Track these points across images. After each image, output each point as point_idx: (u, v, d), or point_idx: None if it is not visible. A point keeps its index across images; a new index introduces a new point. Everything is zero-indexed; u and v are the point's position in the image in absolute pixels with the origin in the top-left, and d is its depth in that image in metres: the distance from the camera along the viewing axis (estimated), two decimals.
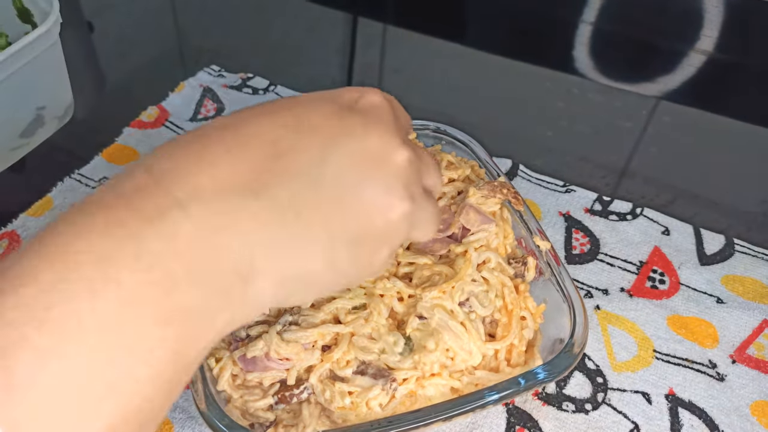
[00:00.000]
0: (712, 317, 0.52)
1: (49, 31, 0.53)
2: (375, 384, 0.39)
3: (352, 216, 0.25)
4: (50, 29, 0.54)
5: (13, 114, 0.57)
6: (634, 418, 0.46)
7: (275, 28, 0.84)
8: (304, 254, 0.25)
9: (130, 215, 0.21)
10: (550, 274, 0.45)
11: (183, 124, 0.66)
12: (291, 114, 0.26)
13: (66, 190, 0.58)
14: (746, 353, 0.50)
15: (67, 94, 0.63)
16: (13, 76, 0.53)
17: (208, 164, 0.23)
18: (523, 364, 0.42)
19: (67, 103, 0.63)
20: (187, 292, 0.21)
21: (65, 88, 0.62)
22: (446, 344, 0.40)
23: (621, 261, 0.56)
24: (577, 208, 0.60)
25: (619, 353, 0.49)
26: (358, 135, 0.26)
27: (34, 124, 0.59)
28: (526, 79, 0.78)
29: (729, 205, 0.62)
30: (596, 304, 0.52)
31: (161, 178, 0.23)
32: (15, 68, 0.52)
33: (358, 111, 0.27)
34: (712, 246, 0.57)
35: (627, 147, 0.68)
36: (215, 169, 0.23)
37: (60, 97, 0.62)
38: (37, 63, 0.54)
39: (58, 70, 0.60)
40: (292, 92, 0.71)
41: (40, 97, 0.59)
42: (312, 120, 0.25)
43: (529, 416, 0.45)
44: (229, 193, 0.23)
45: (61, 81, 0.61)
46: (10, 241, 0.54)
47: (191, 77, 0.72)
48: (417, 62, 0.80)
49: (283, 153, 0.24)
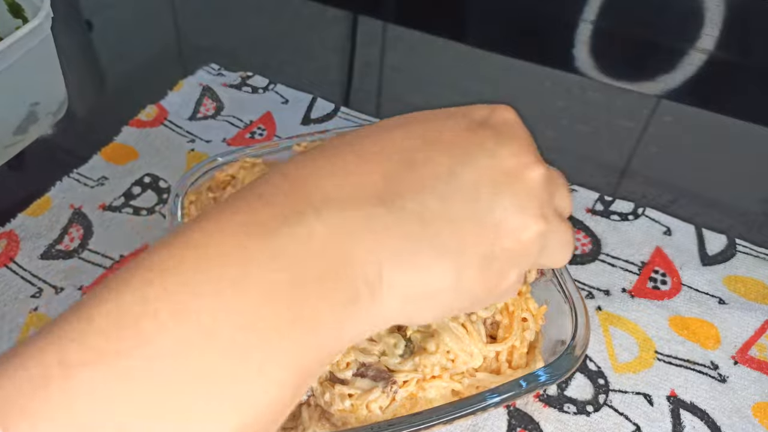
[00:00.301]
0: (713, 318, 0.51)
1: (40, 25, 0.53)
2: (375, 386, 0.39)
3: (483, 234, 0.24)
4: (42, 23, 0.53)
5: (7, 110, 0.57)
6: (635, 420, 0.45)
7: (275, 26, 0.84)
8: (433, 270, 0.24)
9: (268, 215, 0.22)
10: (552, 275, 0.45)
11: (182, 123, 0.66)
12: (423, 127, 0.26)
13: (65, 189, 0.58)
14: (748, 354, 0.50)
15: (61, 89, 0.62)
16: (6, 72, 0.52)
17: (342, 171, 0.24)
18: (525, 366, 0.42)
19: (60, 99, 0.63)
20: (317, 298, 0.21)
21: (59, 84, 0.62)
22: (447, 346, 0.40)
23: (622, 261, 0.55)
24: (579, 208, 0.59)
25: (621, 354, 0.49)
26: (490, 149, 0.25)
27: (27, 121, 0.59)
28: (526, 78, 0.78)
29: (731, 205, 0.62)
30: (598, 304, 0.52)
31: (296, 182, 0.23)
32: (7, 64, 0.52)
33: (490, 126, 0.26)
34: (714, 246, 0.57)
35: (628, 146, 0.68)
36: (348, 177, 0.23)
37: (53, 92, 0.62)
38: (29, 58, 0.54)
39: (51, 65, 0.59)
40: (292, 91, 0.71)
41: (33, 93, 0.58)
42: (444, 134, 0.25)
43: (530, 418, 0.45)
44: (361, 200, 0.23)
45: (55, 76, 0.61)
46: (9, 240, 0.54)
47: (190, 76, 0.72)
48: (417, 61, 0.80)
49: (416, 164, 0.24)
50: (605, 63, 0.79)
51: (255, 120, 0.67)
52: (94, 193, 0.58)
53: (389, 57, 0.80)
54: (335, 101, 0.70)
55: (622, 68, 0.80)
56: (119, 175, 0.60)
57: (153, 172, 0.61)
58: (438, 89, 0.75)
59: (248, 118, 0.67)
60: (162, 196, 0.59)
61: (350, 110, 0.69)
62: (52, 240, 0.54)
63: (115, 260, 0.53)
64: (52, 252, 0.53)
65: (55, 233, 0.55)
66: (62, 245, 0.54)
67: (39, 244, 0.54)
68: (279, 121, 0.67)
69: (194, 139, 0.64)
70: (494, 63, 0.80)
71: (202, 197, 0.51)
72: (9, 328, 0.48)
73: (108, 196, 0.58)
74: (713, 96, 0.77)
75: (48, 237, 0.54)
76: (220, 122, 0.67)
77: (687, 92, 0.77)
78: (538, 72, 0.78)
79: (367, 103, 0.73)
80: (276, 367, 0.21)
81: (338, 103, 0.69)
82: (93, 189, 0.59)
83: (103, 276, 0.52)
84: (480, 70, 0.79)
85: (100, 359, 0.19)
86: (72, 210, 0.57)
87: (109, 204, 0.57)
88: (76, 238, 0.55)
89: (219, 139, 0.65)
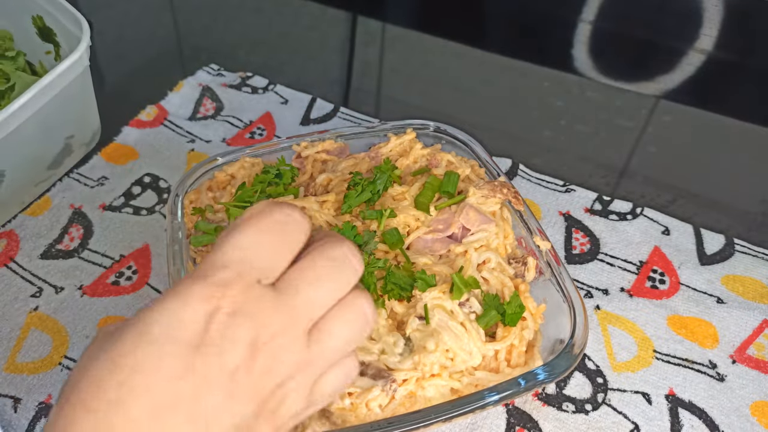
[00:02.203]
0: (712, 317, 0.52)
1: (81, 57, 0.50)
2: (375, 385, 0.39)
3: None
4: (82, 56, 0.50)
5: (43, 147, 0.54)
6: (634, 419, 0.46)
7: (274, 26, 0.84)
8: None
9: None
10: (550, 274, 0.45)
11: (182, 123, 0.66)
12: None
13: (65, 189, 0.58)
14: (746, 353, 0.50)
15: (95, 119, 0.59)
16: (44, 108, 0.49)
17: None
18: (524, 364, 0.42)
19: (94, 129, 0.60)
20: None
21: (93, 114, 0.59)
22: (446, 345, 0.40)
23: (621, 261, 0.55)
24: (577, 208, 0.60)
25: (619, 353, 0.49)
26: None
27: (62, 154, 0.56)
28: (526, 79, 0.78)
29: (729, 205, 0.62)
30: (596, 304, 0.52)
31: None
32: (46, 99, 0.49)
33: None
34: (712, 246, 0.57)
35: (627, 146, 0.68)
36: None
37: (88, 123, 0.59)
38: (67, 91, 0.50)
39: (87, 96, 0.56)
40: (292, 91, 0.71)
41: (69, 126, 0.55)
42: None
43: (529, 417, 0.45)
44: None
45: (90, 106, 0.58)
46: (9, 240, 0.54)
47: (190, 76, 0.72)
48: (416, 61, 0.80)
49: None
50: (604, 63, 0.79)
51: (255, 120, 0.67)
52: (95, 192, 0.58)
53: (388, 57, 0.80)
54: (334, 101, 0.70)
55: (621, 68, 0.80)
56: (119, 175, 0.60)
57: (153, 172, 0.61)
58: (437, 89, 0.75)
59: (248, 118, 0.68)
60: (162, 196, 0.59)
61: (349, 110, 0.69)
62: (52, 240, 0.54)
63: (116, 260, 0.53)
64: (52, 251, 0.53)
65: (55, 233, 0.55)
66: (62, 245, 0.54)
67: (39, 244, 0.54)
68: (278, 121, 0.67)
69: (194, 139, 0.65)
70: (494, 63, 0.80)
71: (202, 197, 0.51)
72: (9, 328, 0.48)
73: (108, 196, 0.58)
74: (712, 96, 0.77)
75: (48, 237, 0.55)
76: (220, 122, 0.67)
77: (686, 92, 0.77)
78: (537, 72, 0.78)
79: (366, 103, 0.73)
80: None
81: (337, 103, 0.70)
82: (93, 189, 0.59)
83: (103, 275, 0.52)
84: (479, 71, 0.79)
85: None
86: (72, 210, 0.57)
87: (109, 204, 0.58)
88: (76, 238, 0.55)
89: (219, 139, 0.65)
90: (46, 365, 0.46)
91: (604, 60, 0.80)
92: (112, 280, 0.52)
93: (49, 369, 0.46)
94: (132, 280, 0.52)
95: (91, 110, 0.58)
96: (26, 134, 0.49)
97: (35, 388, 0.45)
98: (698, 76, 0.79)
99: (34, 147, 0.52)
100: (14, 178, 0.51)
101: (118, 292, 0.51)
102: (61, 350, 0.47)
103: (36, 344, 0.47)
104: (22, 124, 0.47)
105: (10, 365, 0.46)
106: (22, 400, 0.44)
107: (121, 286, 0.51)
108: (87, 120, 0.58)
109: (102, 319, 0.49)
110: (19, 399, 0.44)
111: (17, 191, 0.54)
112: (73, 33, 0.53)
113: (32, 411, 0.44)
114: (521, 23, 0.88)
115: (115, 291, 0.51)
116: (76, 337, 0.48)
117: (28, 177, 0.54)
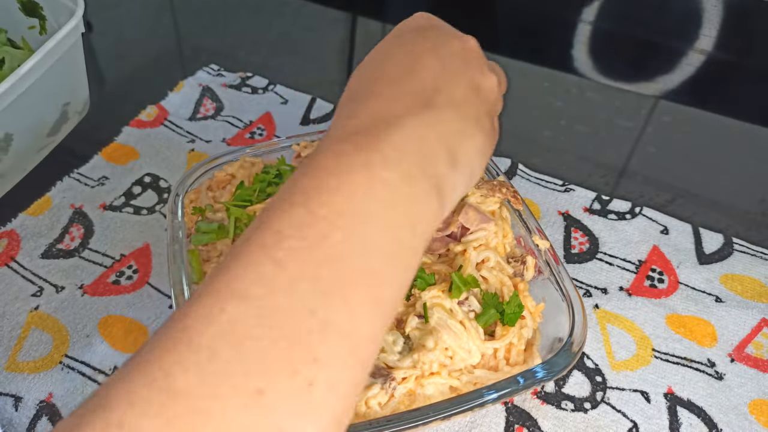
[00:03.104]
0: (710, 316, 0.52)
1: (77, 25, 0.52)
2: (374, 383, 0.39)
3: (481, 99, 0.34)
4: (77, 25, 0.52)
5: (43, 113, 0.56)
6: (632, 417, 0.46)
7: (274, 27, 0.84)
8: (476, 138, 0.32)
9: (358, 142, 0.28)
10: (549, 273, 0.45)
11: (182, 123, 0.66)
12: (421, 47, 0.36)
13: (65, 189, 0.58)
14: (745, 352, 0.50)
15: (85, 87, 0.62)
16: (46, 75, 0.51)
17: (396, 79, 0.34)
18: (522, 363, 0.42)
19: (85, 97, 0.62)
20: (419, 185, 0.27)
21: (84, 82, 0.61)
22: (445, 343, 0.40)
23: (620, 260, 0.56)
24: (576, 207, 0.60)
25: (618, 352, 0.49)
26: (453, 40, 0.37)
27: (59, 121, 0.58)
28: (525, 79, 0.78)
29: (728, 205, 0.62)
30: (595, 303, 0.52)
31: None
32: (48, 65, 0.51)
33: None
34: (710, 245, 0.57)
35: (626, 146, 0.68)
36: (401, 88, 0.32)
37: (80, 91, 0.61)
38: (63, 60, 0.53)
39: (79, 65, 0.59)
40: (292, 91, 0.71)
41: (65, 94, 0.58)
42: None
43: (528, 415, 0.45)
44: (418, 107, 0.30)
45: (82, 75, 0.60)
46: (9, 240, 0.54)
47: (190, 76, 0.72)
48: None
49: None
50: (604, 63, 0.79)
51: (255, 120, 0.68)
52: (95, 192, 0.59)
53: None
54: (334, 101, 0.70)
55: (621, 69, 0.80)
56: (120, 174, 0.60)
57: (153, 172, 0.61)
58: None
59: (248, 118, 0.68)
60: (162, 196, 0.59)
61: None
62: (52, 239, 0.55)
63: (116, 259, 0.53)
64: (53, 251, 0.54)
65: (55, 232, 0.55)
66: (63, 244, 0.54)
67: (40, 244, 0.54)
68: (278, 121, 0.68)
69: (194, 139, 0.65)
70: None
71: (202, 197, 0.51)
72: (10, 327, 0.48)
73: (108, 196, 0.58)
74: (711, 96, 0.77)
75: (49, 236, 0.55)
76: (220, 122, 0.67)
77: (685, 92, 0.77)
78: (537, 72, 0.78)
79: None
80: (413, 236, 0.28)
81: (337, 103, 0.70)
82: (94, 189, 0.59)
83: (103, 275, 0.52)
84: None
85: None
86: (73, 209, 0.57)
87: (109, 203, 0.58)
88: (76, 238, 0.55)
89: (219, 139, 0.65)
90: (46, 364, 0.47)
91: (604, 60, 0.80)
92: (112, 279, 0.52)
93: (49, 368, 0.46)
94: (132, 280, 0.52)
95: (82, 78, 0.60)
96: (30, 100, 0.51)
97: (36, 387, 0.45)
98: (698, 76, 0.79)
99: (37, 113, 0.55)
100: (20, 142, 0.53)
101: (118, 291, 0.51)
102: (62, 349, 0.47)
103: (37, 343, 0.48)
104: (27, 89, 0.50)
105: (11, 364, 0.46)
106: (23, 399, 0.45)
107: (121, 285, 0.52)
108: (80, 89, 0.61)
109: (102, 319, 0.49)
110: (19, 398, 0.45)
111: (22, 156, 0.56)
112: (61, 4, 0.56)
113: (33, 410, 0.44)
114: (521, 23, 0.88)
115: (116, 290, 0.51)
116: (77, 336, 0.48)
117: (32, 143, 0.56)
